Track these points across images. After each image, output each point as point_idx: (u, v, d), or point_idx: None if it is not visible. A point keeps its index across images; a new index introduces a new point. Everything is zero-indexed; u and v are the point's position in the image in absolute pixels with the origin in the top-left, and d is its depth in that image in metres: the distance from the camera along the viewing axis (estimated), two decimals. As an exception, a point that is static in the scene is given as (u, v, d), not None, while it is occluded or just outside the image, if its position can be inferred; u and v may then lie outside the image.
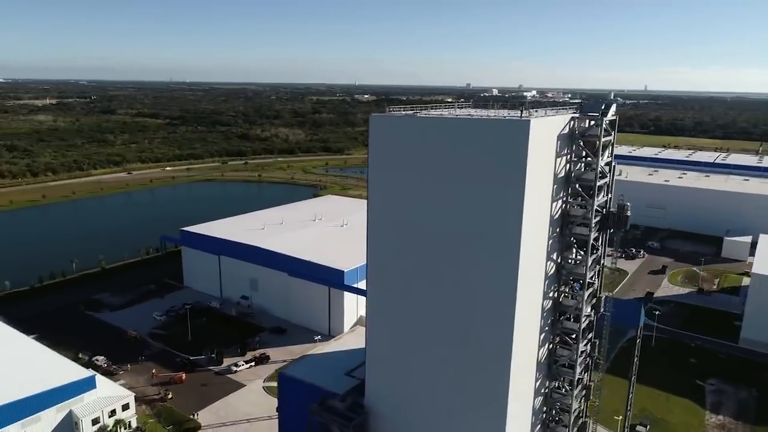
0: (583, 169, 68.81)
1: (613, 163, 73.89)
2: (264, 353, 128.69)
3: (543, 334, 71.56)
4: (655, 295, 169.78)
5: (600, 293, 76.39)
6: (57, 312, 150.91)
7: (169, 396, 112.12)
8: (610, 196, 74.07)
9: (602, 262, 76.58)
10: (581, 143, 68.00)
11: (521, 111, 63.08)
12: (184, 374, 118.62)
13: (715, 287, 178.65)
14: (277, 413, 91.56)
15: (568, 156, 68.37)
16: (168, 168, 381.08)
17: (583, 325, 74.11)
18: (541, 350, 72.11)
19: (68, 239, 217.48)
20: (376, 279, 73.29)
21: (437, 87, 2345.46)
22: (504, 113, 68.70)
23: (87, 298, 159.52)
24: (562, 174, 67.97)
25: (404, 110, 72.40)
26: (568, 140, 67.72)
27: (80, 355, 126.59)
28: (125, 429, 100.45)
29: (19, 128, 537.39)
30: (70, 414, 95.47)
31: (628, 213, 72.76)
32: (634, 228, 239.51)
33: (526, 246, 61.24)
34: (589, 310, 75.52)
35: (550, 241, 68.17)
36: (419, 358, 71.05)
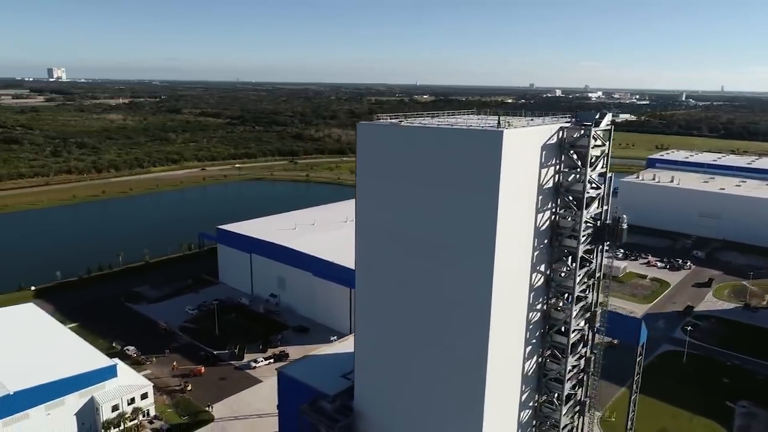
0: (572, 180, 67.27)
1: (610, 174, 71.80)
2: (283, 351, 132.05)
3: (530, 347, 70.45)
4: (695, 309, 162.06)
5: (596, 307, 74.44)
6: (99, 302, 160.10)
7: (189, 388, 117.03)
8: (606, 207, 72.10)
9: (600, 275, 74.62)
10: (570, 153, 66.59)
11: (498, 121, 62.49)
12: (203, 367, 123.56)
13: (765, 303, 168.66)
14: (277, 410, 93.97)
15: (557, 166, 67.06)
16: (224, 166, 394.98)
17: (574, 339, 72.50)
18: (529, 362, 71.00)
19: (119, 233, 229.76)
20: (364, 284, 74.32)
21: (499, 87, 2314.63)
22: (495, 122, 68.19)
23: (128, 290, 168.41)
24: (550, 184, 66.73)
25: (428, 116, 73.60)
26: (557, 150, 66.46)
27: (114, 344, 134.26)
28: (143, 416, 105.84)
29: (91, 126, 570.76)
30: (92, 400, 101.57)
31: (624, 226, 70.65)
32: (684, 237, 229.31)
33: (503, 256, 60.63)
34: (582, 324, 73.86)
35: (536, 252, 67.06)
36: (403, 364, 71.51)
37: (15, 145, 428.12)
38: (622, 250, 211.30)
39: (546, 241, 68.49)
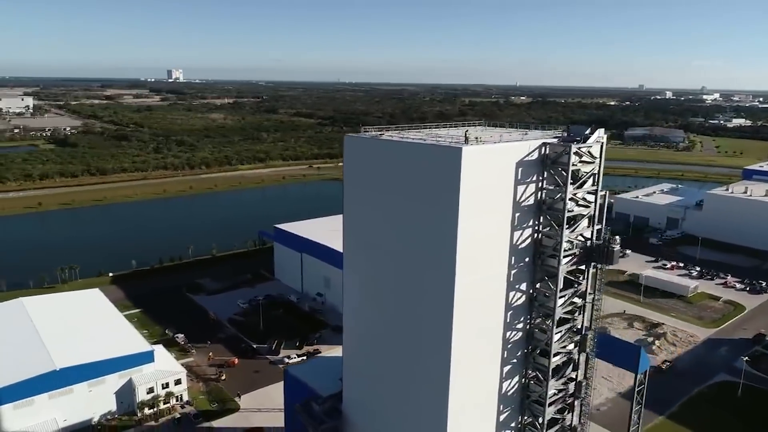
0: (557, 198, 65.16)
1: (603, 192, 68.66)
2: (317, 349, 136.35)
3: (510, 366, 69.10)
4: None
5: (587, 330, 71.41)
6: (163, 291, 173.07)
7: (223, 377, 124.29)
8: (599, 227, 69.03)
9: (593, 297, 71.55)
10: (552, 170, 64.55)
11: (465, 137, 61.98)
12: (236, 359, 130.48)
13: None
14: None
15: (540, 183, 65.28)
16: (303, 166, 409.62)
17: (558, 362, 70.18)
18: (509, 382, 69.68)
19: (196, 227, 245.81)
20: (350, 292, 76.13)
21: (605, 89, 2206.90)
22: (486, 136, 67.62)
23: (191, 281, 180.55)
24: (531, 201, 65.18)
25: (435, 126, 74.51)
26: (539, 166, 64.72)
27: (167, 331, 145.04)
28: (176, 401, 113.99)
29: (194, 125, 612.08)
30: (130, 381, 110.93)
31: (615, 247, 67.29)
32: (764, 257, 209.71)
33: (466, 271, 60.30)
34: (571, 346, 71.24)
35: (514, 271, 65.77)
36: (382, 372, 72.64)
37: (124, 142, 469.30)
38: (698, 268, 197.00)
39: (528, 260, 66.94)
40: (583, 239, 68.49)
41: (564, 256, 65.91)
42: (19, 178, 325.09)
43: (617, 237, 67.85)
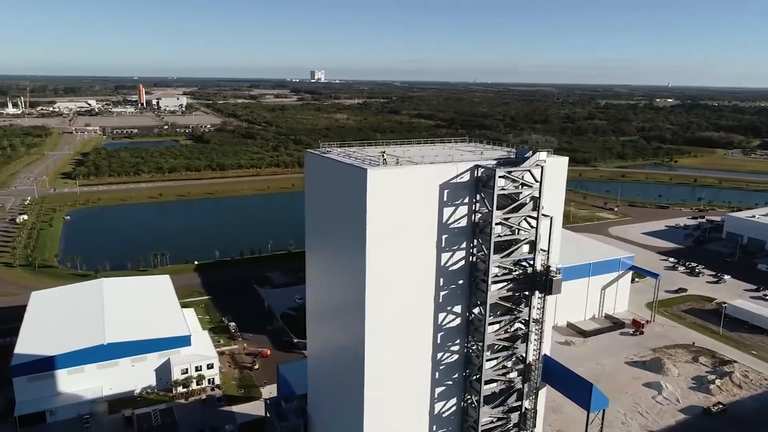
0: (487, 221, 63.56)
1: (551, 217, 65.37)
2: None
3: (443, 388, 68.67)
4: None
5: (533, 358, 68.44)
6: (234, 281, 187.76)
7: (256, 367, 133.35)
8: (545, 254, 65.85)
9: (541, 326, 68.34)
10: (482, 194, 63.06)
11: (383, 158, 62.60)
12: (269, 351, 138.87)
13: None
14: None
15: (473, 206, 64.03)
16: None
17: (495, 389, 68.26)
18: (443, 403, 69.14)
19: (281, 223, 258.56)
20: (309, 299, 79.72)
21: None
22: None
23: (262, 274, 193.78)
24: (464, 223, 64.24)
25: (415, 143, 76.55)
26: (473, 189, 63.55)
27: (223, 319, 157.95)
28: (208, 383, 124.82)
29: (317, 125, 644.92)
30: (168, 361, 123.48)
31: (555, 276, 63.89)
32: None
33: (381, 290, 61.39)
34: (513, 375, 68.82)
35: (443, 293, 65.34)
36: (329, 376, 75.41)
37: (249, 140, 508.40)
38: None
39: (462, 282, 66.02)
40: (527, 265, 65.87)
41: (496, 282, 64.09)
42: (152, 171, 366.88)
43: (559, 266, 64.32)
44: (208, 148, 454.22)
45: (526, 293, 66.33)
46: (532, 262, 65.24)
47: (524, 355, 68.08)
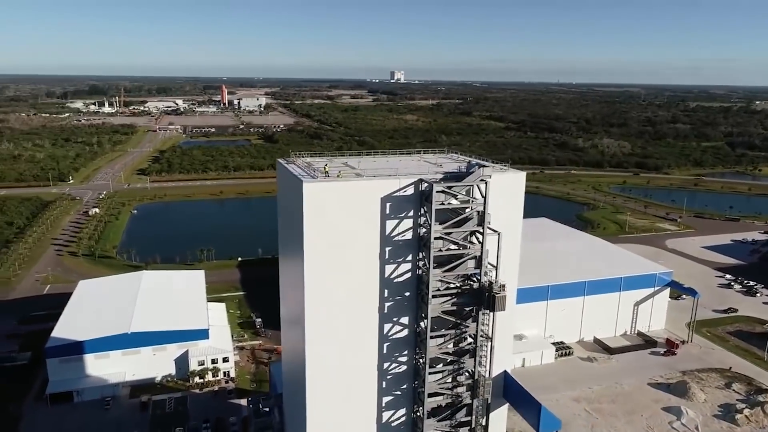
0: (427, 235, 63.63)
1: (498, 233, 64.50)
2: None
3: (392, 398, 69.45)
4: None
5: (482, 374, 67.75)
6: (271, 278, 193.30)
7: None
8: (490, 271, 65.05)
9: (489, 342, 67.54)
10: (425, 208, 63.26)
11: (325, 171, 64.07)
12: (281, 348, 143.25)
13: None
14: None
15: (418, 219, 64.38)
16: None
17: (441, 402, 68.21)
18: (392, 413, 69.96)
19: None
20: (281, 305, 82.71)
21: None
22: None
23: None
24: (408, 237, 64.69)
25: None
26: (417, 203, 63.96)
27: (252, 315, 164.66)
28: (223, 375, 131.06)
29: (385, 126, 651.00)
30: (186, 352, 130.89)
31: (499, 293, 63.02)
32: None
33: (321, 300, 63.21)
34: (461, 389, 68.51)
35: (389, 304, 66.15)
36: (290, 384, 78.07)
37: (316, 140, 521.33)
38: None
39: (408, 294, 66.56)
40: (476, 281, 65.39)
41: (440, 296, 64.12)
42: (219, 168, 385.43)
43: (504, 284, 63.37)
44: (275, 148, 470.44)
45: (474, 308, 65.77)
46: (479, 278, 64.66)
47: (473, 370, 67.53)
